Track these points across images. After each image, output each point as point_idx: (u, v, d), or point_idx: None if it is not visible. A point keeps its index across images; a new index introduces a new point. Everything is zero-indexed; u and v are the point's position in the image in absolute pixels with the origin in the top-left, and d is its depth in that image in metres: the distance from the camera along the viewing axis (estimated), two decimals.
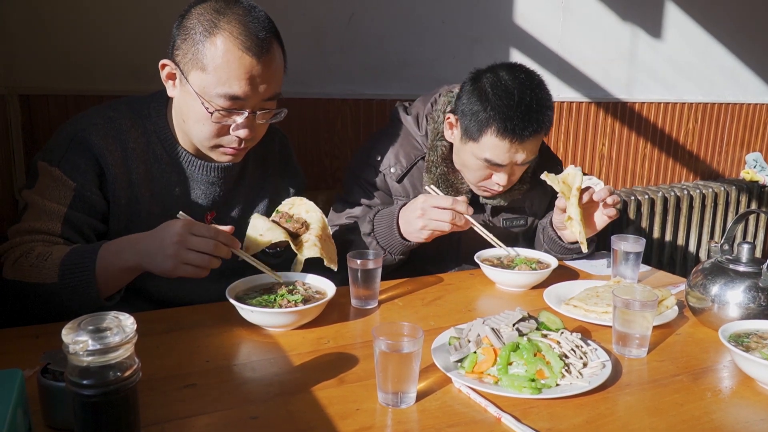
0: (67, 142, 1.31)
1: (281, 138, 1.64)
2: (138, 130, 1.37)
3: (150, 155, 1.38)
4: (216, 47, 1.23)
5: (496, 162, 1.52)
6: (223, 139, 1.33)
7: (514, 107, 1.46)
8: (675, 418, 0.93)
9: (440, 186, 1.62)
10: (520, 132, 1.47)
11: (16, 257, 1.24)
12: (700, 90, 3.35)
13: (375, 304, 1.36)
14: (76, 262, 1.19)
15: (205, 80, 1.25)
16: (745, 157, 3.61)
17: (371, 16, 2.40)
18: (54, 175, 1.29)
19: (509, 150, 1.50)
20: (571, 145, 3.01)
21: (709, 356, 1.15)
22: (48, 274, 1.19)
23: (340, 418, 0.90)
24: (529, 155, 1.53)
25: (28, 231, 1.27)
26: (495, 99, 1.48)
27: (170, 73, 1.32)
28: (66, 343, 0.70)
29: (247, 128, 1.31)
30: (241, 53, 1.23)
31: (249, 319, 1.20)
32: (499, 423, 0.90)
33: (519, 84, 1.49)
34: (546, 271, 1.49)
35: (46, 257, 1.21)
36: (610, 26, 2.98)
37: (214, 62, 1.23)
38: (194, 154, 1.41)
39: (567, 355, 1.05)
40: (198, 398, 0.95)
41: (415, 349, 0.93)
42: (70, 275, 1.18)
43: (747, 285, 1.22)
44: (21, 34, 1.87)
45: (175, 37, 1.29)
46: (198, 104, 1.27)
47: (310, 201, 1.40)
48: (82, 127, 1.32)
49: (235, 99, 1.26)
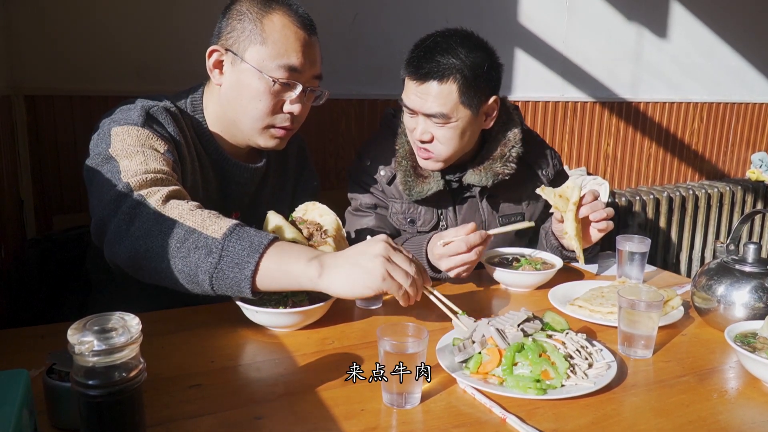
0: (144, 114, 1.26)
1: (299, 141, 1.67)
2: (181, 124, 1.38)
3: (191, 149, 1.39)
4: (273, 23, 1.31)
5: (406, 103, 1.54)
6: (276, 117, 1.37)
7: (420, 47, 1.51)
8: (681, 419, 0.93)
9: (409, 177, 1.61)
10: (416, 70, 1.49)
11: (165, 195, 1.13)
12: (706, 89, 3.34)
13: (379, 304, 1.36)
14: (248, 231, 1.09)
15: (264, 53, 1.31)
16: (750, 157, 3.59)
17: (375, 16, 2.40)
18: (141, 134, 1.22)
19: (414, 92, 1.51)
20: (576, 145, 3.01)
21: (715, 357, 1.15)
22: (212, 227, 1.08)
23: (344, 418, 0.90)
24: (432, 106, 1.49)
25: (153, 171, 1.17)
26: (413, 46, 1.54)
27: (218, 61, 1.36)
28: (71, 343, 0.70)
29: (300, 104, 1.37)
30: (297, 28, 1.33)
31: (254, 319, 1.20)
32: (504, 424, 0.90)
33: (445, 35, 1.52)
34: (551, 271, 1.48)
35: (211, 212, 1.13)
36: (615, 26, 2.98)
37: (273, 36, 1.31)
38: (229, 153, 1.43)
39: (572, 355, 1.05)
40: (203, 398, 0.95)
41: (420, 349, 0.93)
42: (237, 240, 1.07)
43: (753, 285, 1.21)
44: (26, 35, 1.88)
45: (225, 23, 1.35)
46: (255, 80, 1.32)
47: (323, 205, 1.40)
48: (149, 107, 1.29)
49: (292, 70, 1.33)
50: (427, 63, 1.48)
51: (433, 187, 1.61)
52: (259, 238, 1.07)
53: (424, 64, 1.48)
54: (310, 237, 1.33)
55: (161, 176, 1.18)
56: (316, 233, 1.33)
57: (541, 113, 2.87)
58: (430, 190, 1.61)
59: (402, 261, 1.07)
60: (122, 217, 1.12)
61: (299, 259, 1.06)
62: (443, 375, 1.02)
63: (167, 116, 1.31)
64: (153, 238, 1.09)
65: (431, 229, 1.66)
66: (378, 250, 1.06)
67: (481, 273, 1.58)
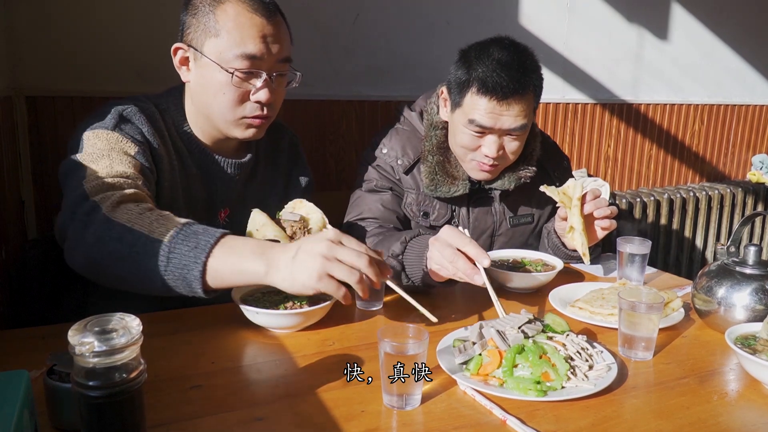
0: (117, 117, 1.29)
1: (291, 137, 1.65)
2: (160, 123, 1.38)
3: (171, 147, 1.39)
4: (226, 12, 1.28)
5: (481, 123, 1.51)
6: (245, 108, 1.34)
7: (494, 65, 1.48)
8: (681, 420, 0.93)
9: (437, 174, 1.62)
10: (501, 90, 1.47)
11: (118, 198, 1.13)
12: (706, 91, 3.34)
13: (380, 305, 1.36)
14: (195, 231, 1.07)
15: (220, 45, 1.28)
16: (751, 159, 3.59)
17: (376, 17, 2.40)
18: (111, 137, 1.24)
19: (493, 111, 1.49)
20: (577, 147, 3.01)
21: (715, 359, 1.15)
22: (159, 229, 1.07)
23: (345, 419, 0.90)
24: (515, 120, 1.51)
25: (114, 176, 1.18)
26: (476, 61, 1.51)
27: (183, 58, 1.35)
28: (72, 344, 0.70)
29: (267, 91, 1.33)
30: (251, 14, 1.28)
31: (254, 320, 1.20)
32: (504, 425, 0.90)
33: (502, 48, 1.51)
34: (551, 273, 1.48)
35: (161, 213, 1.12)
36: (615, 27, 2.98)
37: (227, 26, 1.28)
38: (212, 149, 1.42)
39: (572, 357, 1.05)
40: (203, 399, 0.95)
41: (420, 351, 0.93)
42: (183, 241, 1.06)
43: (754, 287, 1.21)
44: (27, 36, 1.88)
45: (184, 18, 1.33)
46: (216, 73, 1.30)
47: (310, 203, 1.40)
48: (123, 109, 1.30)
49: (251, 58, 1.29)
50: (511, 83, 1.47)
51: (460, 189, 1.63)
52: (206, 238, 1.06)
53: (505, 83, 1.47)
54: (293, 235, 1.33)
55: (121, 180, 1.18)
56: (299, 232, 1.33)
57: (541, 115, 2.87)
58: (457, 191, 1.63)
59: (348, 255, 1.03)
60: (78, 224, 1.12)
61: (247, 256, 1.05)
62: (444, 376, 1.02)
63: (141, 117, 1.31)
64: (105, 245, 1.09)
65: (444, 223, 1.67)
66: (319, 249, 1.02)
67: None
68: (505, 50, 1.51)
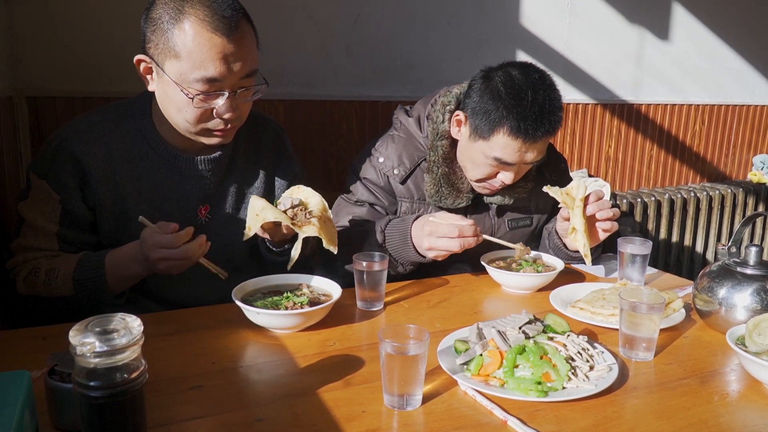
0: (53, 152, 1.35)
1: (275, 129, 1.61)
2: (122, 130, 1.38)
3: (135, 154, 1.38)
4: (185, 33, 1.22)
5: (506, 161, 1.52)
6: (208, 123, 1.32)
7: (528, 107, 1.46)
8: (682, 421, 0.93)
9: (442, 186, 1.62)
10: (533, 132, 1.47)
11: (24, 275, 1.33)
12: (707, 92, 3.34)
13: (381, 306, 1.36)
14: (87, 276, 1.30)
15: (181, 67, 1.24)
16: (752, 159, 3.59)
17: (377, 17, 2.40)
18: (42, 188, 1.35)
19: (520, 150, 1.50)
20: (578, 147, 3.01)
21: (716, 359, 1.15)
22: (63, 288, 1.30)
23: (345, 420, 0.90)
24: (538, 155, 1.54)
25: (29, 248, 1.36)
26: (508, 99, 1.48)
27: (146, 68, 1.32)
28: (73, 344, 0.70)
29: (230, 109, 1.30)
30: (210, 34, 1.22)
31: (255, 320, 1.20)
32: (505, 426, 0.90)
33: (532, 84, 1.49)
34: (552, 273, 1.48)
35: (56, 274, 1.31)
36: (616, 28, 2.98)
37: (186, 48, 1.23)
38: (180, 149, 1.41)
39: (573, 358, 1.05)
40: (204, 400, 0.95)
41: (421, 351, 0.93)
42: (83, 289, 1.30)
43: (755, 288, 1.21)
44: (28, 36, 1.88)
45: (145, 31, 1.29)
46: (177, 92, 1.27)
47: (308, 187, 1.38)
48: (65, 137, 1.36)
49: (212, 81, 1.25)
50: (542, 126, 1.48)
51: (464, 202, 1.65)
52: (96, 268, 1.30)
53: (540, 127, 1.47)
54: (294, 217, 1.32)
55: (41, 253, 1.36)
56: (300, 213, 1.33)
57: None
58: (461, 204, 1.64)
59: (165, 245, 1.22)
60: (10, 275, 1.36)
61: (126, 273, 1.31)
62: (444, 377, 1.02)
63: (89, 138, 1.35)
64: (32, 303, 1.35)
65: None
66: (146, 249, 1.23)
67: (482, 275, 1.58)
68: (536, 86, 1.49)
